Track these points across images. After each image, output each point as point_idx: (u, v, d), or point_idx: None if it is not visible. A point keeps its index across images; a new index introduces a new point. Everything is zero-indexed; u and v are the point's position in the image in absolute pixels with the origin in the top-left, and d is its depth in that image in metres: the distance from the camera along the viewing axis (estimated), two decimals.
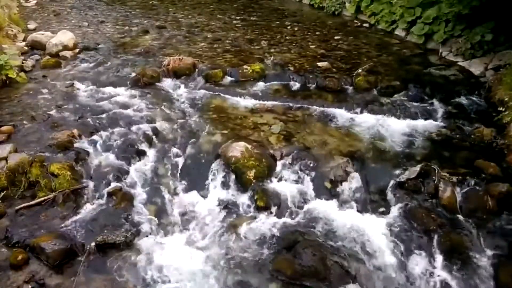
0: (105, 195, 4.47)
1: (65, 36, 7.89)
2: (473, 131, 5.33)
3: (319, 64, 7.21)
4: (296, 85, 6.66)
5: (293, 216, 4.35)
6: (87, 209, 4.32)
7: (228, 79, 6.87)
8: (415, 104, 5.98)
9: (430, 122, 5.65)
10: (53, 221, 4.10)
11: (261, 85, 6.66)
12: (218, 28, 9.73)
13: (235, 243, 4.04)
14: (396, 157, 4.98)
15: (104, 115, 5.69)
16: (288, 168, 4.81)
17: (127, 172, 4.80)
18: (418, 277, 3.78)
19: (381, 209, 4.42)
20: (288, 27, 9.75)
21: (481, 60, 6.97)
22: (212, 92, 6.50)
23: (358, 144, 5.21)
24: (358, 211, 4.42)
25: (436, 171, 4.52)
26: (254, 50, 8.04)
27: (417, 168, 4.58)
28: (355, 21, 10.17)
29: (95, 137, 5.19)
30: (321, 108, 6.01)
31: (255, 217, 4.33)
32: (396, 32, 9.03)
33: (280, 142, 5.20)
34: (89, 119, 5.57)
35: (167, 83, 6.77)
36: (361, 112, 5.90)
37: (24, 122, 5.40)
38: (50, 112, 5.67)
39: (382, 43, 8.53)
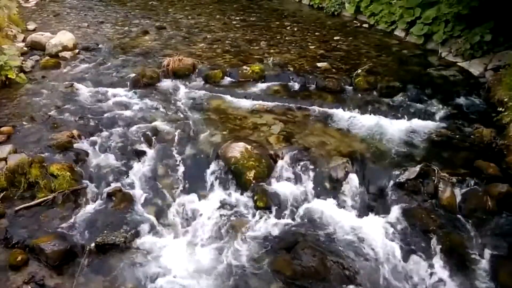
0: (105, 196, 4.47)
1: (64, 37, 7.89)
2: (472, 131, 5.33)
3: (319, 64, 7.22)
4: (295, 86, 6.66)
5: (292, 217, 4.35)
6: (87, 210, 4.32)
7: (227, 79, 6.88)
8: (414, 104, 5.99)
9: (429, 122, 5.65)
10: (53, 222, 4.10)
11: (260, 85, 6.67)
12: (217, 28, 9.73)
13: (234, 244, 4.04)
14: (395, 157, 4.98)
15: (103, 116, 5.69)
16: (288, 168, 4.81)
17: (127, 173, 4.80)
18: (418, 277, 3.78)
19: (381, 210, 4.42)
20: (288, 28, 9.76)
21: (481, 61, 6.98)
22: (211, 93, 6.50)
23: (358, 144, 5.21)
24: (357, 211, 4.42)
25: (436, 172, 4.52)
26: (253, 51, 8.05)
27: (417, 168, 4.58)
28: (354, 21, 10.18)
29: (94, 137, 5.20)
30: (321, 109, 6.01)
31: (254, 218, 4.33)
32: (395, 33, 9.04)
33: (279, 143, 5.19)
34: (88, 120, 5.57)
35: (166, 84, 6.77)
36: (361, 112, 5.90)
37: (24, 122, 5.40)
38: (50, 113, 5.67)
39: (382, 43, 8.54)
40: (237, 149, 4.86)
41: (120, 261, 3.82)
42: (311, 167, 4.79)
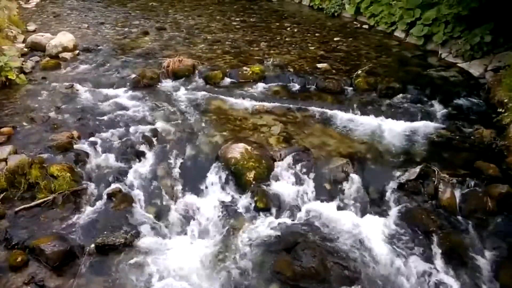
0: (105, 197, 4.47)
1: (64, 38, 7.89)
2: (472, 132, 5.33)
3: (319, 65, 7.22)
4: (295, 87, 6.67)
5: (292, 217, 4.35)
6: (87, 211, 4.31)
7: (227, 80, 6.88)
8: (414, 105, 5.99)
9: (429, 123, 5.65)
10: (53, 223, 4.10)
11: (260, 86, 6.67)
12: (217, 29, 9.74)
13: (234, 245, 4.03)
14: (395, 158, 4.99)
15: (103, 117, 5.70)
16: (288, 169, 4.81)
17: (127, 174, 4.79)
18: (418, 278, 3.77)
19: (381, 210, 4.42)
20: (288, 29, 9.77)
21: (481, 62, 6.99)
22: (211, 94, 6.50)
23: (358, 145, 5.21)
24: (357, 212, 4.42)
25: (436, 173, 4.52)
26: (253, 52, 8.05)
27: (417, 169, 4.58)
28: (354, 22, 10.20)
29: (94, 138, 5.19)
30: (321, 110, 6.01)
31: (254, 219, 4.33)
32: (395, 34, 9.05)
33: (279, 143, 5.20)
34: (88, 121, 5.58)
35: (166, 85, 6.77)
36: (361, 113, 5.90)
37: (24, 123, 5.40)
38: (50, 114, 5.67)
39: (382, 44, 8.55)
40: (237, 150, 4.86)
41: (120, 262, 3.82)
42: (311, 168, 4.79)
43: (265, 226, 4.21)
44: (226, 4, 12.45)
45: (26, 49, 7.94)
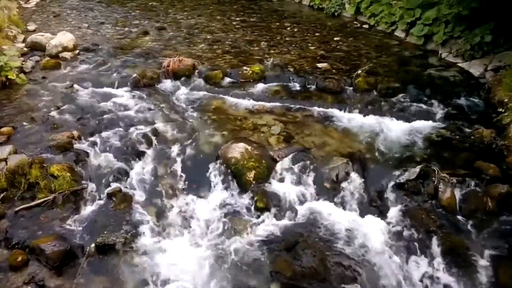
0: (105, 196, 4.48)
1: (65, 37, 7.89)
2: (472, 132, 5.33)
3: (319, 65, 7.22)
4: (295, 86, 6.66)
5: (293, 217, 4.35)
6: (87, 210, 4.32)
7: (227, 80, 6.87)
8: (414, 105, 5.99)
9: (429, 123, 5.64)
10: (53, 222, 4.10)
11: (260, 86, 6.66)
12: (217, 29, 9.73)
13: (234, 244, 4.03)
14: (395, 158, 4.99)
15: (103, 116, 5.69)
16: (288, 169, 4.81)
17: (127, 174, 4.79)
18: (418, 278, 3.78)
19: (381, 210, 4.42)
20: (288, 28, 9.76)
21: (481, 61, 6.98)
22: (211, 93, 6.50)
23: (358, 145, 5.21)
24: (357, 212, 4.42)
25: (436, 172, 4.52)
26: (253, 51, 8.05)
27: (417, 169, 4.58)
28: (354, 22, 10.19)
29: (94, 138, 5.20)
30: (321, 109, 6.01)
31: (254, 219, 4.33)
32: (395, 33, 9.04)
33: (279, 143, 5.20)
34: (88, 120, 5.57)
35: (166, 84, 6.77)
36: (361, 113, 5.90)
37: (24, 123, 5.40)
38: (50, 114, 5.67)
39: (382, 44, 8.54)
40: (237, 150, 4.86)
41: (120, 262, 3.82)
42: (311, 167, 4.79)
43: (265, 226, 4.22)
44: (226, 4, 12.44)
45: (26, 49, 7.93)
